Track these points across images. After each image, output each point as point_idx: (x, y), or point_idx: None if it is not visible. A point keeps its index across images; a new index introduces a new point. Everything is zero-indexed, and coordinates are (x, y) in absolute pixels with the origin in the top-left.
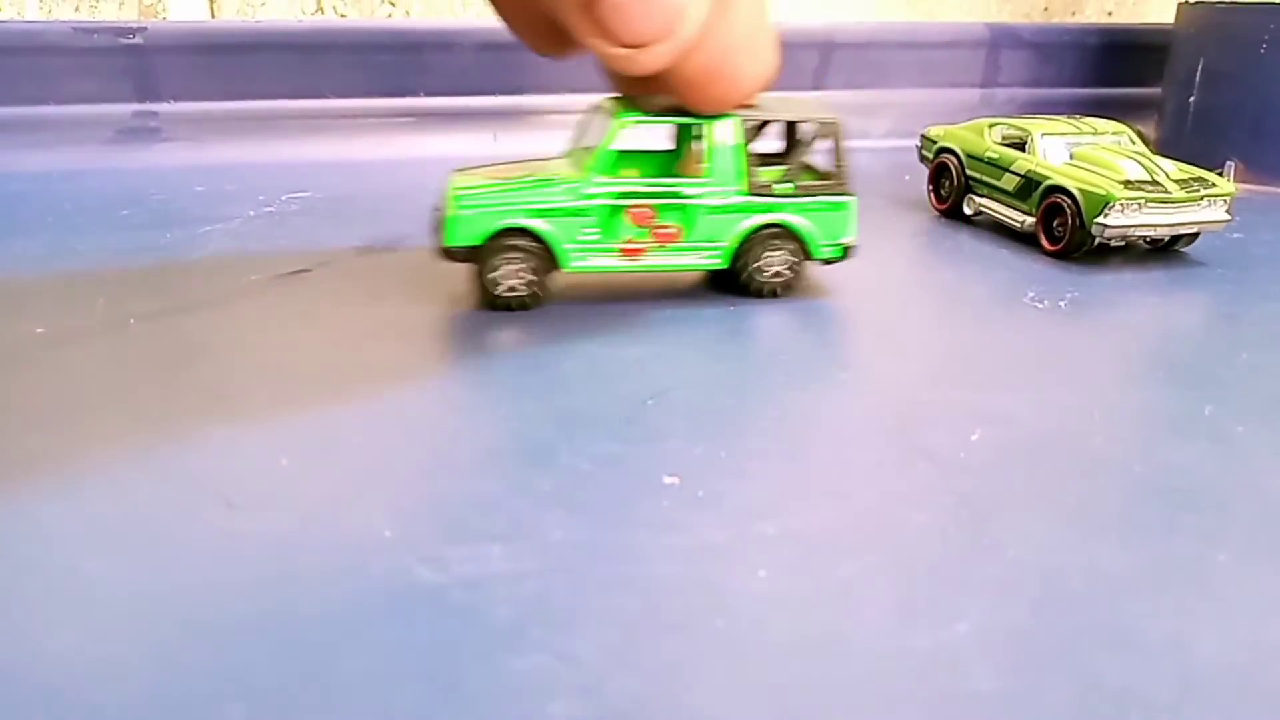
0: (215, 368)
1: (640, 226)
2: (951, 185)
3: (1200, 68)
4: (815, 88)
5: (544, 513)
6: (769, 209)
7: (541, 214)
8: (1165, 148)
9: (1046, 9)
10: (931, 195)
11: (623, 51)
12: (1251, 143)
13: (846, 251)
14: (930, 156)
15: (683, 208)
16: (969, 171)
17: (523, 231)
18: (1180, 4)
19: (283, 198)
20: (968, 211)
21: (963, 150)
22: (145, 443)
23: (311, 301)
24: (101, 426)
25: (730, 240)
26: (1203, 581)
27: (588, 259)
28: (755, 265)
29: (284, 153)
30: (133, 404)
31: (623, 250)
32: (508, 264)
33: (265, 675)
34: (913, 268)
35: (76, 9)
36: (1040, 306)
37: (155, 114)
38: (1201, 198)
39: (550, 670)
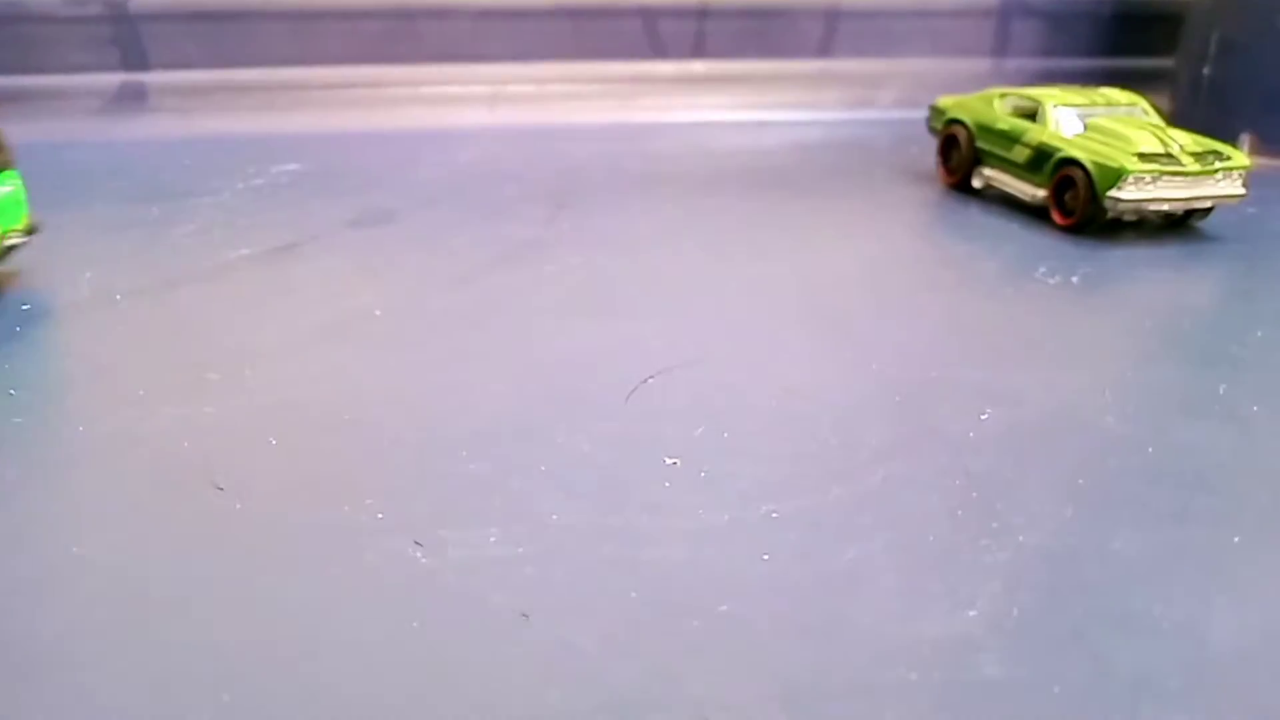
0: (204, 344)
1: None
2: (961, 157)
3: (1215, 39)
4: (821, 56)
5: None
6: None
7: None
8: (1179, 120)
9: None
10: (940, 167)
11: None
12: (1267, 115)
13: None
14: (939, 128)
15: None
16: (979, 143)
17: None
18: None
19: (273, 170)
20: (976, 185)
21: (972, 121)
22: (132, 422)
23: (300, 276)
24: (87, 405)
25: None
26: (1217, 565)
27: None
28: None
29: (274, 124)
30: (119, 382)
31: None
32: None
33: (254, 661)
34: (920, 242)
35: None
36: (1051, 282)
37: (143, 84)
38: (1216, 171)
39: (549, 657)
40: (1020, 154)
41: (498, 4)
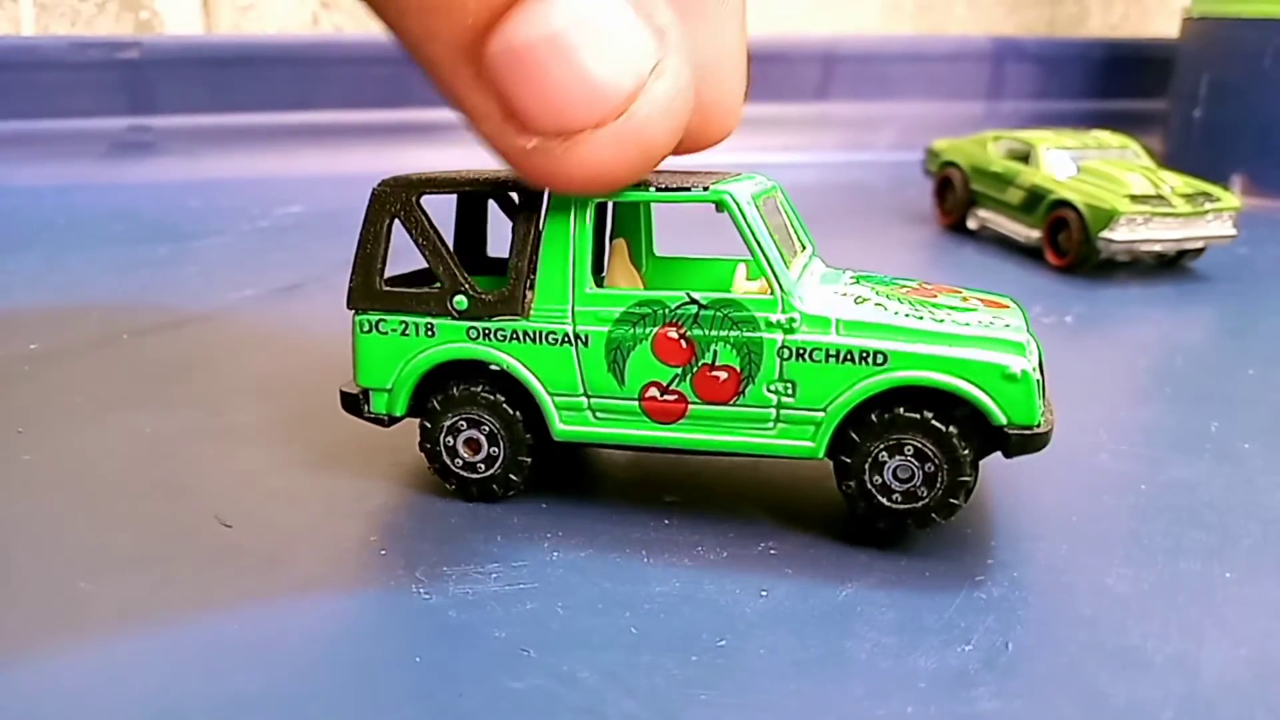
0: (208, 383)
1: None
2: (956, 199)
3: (1205, 81)
4: (818, 99)
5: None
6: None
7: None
8: (1171, 161)
9: (1051, 22)
10: (936, 209)
11: (532, 144)
12: (1257, 157)
13: None
14: (934, 170)
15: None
16: (973, 185)
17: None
18: (1185, 19)
19: (277, 212)
20: (971, 226)
21: (967, 164)
22: (138, 460)
23: (303, 316)
24: (94, 444)
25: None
26: (1208, 600)
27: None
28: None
29: (278, 166)
30: (125, 421)
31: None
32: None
33: (262, 695)
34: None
35: (73, 24)
36: (1046, 322)
37: (149, 128)
38: (1207, 212)
39: (549, 691)
40: (1014, 196)
41: None
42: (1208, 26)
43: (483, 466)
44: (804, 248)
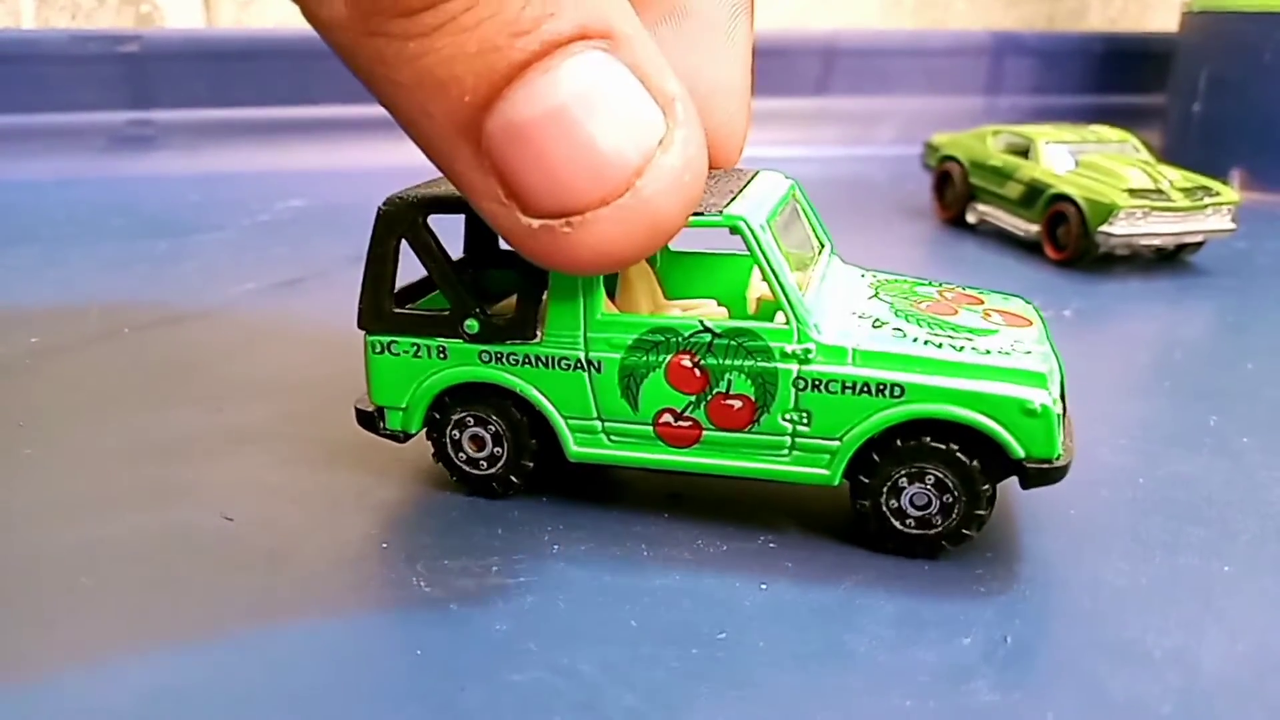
0: (209, 378)
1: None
2: (955, 193)
3: (1204, 76)
4: (818, 94)
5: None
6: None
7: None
8: (1170, 156)
9: (1051, 17)
10: (936, 203)
11: (537, 225)
12: (1256, 151)
13: None
14: (934, 164)
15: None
16: (973, 180)
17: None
18: (1184, 13)
19: (278, 206)
20: (971, 220)
21: (966, 158)
22: (140, 455)
23: (304, 311)
24: (95, 438)
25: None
26: (1207, 594)
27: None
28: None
29: (279, 160)
30: (127, 415)
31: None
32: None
33: (262, 691)
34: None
35: (73, 17)
36: (1044, 316)
37: (150, 122)
38: (1206, 206)
39: (549, 685)
40: (1013, 190)
41: None
42: (1207, 20)
43: (485, 464)
44: (822, 246)
